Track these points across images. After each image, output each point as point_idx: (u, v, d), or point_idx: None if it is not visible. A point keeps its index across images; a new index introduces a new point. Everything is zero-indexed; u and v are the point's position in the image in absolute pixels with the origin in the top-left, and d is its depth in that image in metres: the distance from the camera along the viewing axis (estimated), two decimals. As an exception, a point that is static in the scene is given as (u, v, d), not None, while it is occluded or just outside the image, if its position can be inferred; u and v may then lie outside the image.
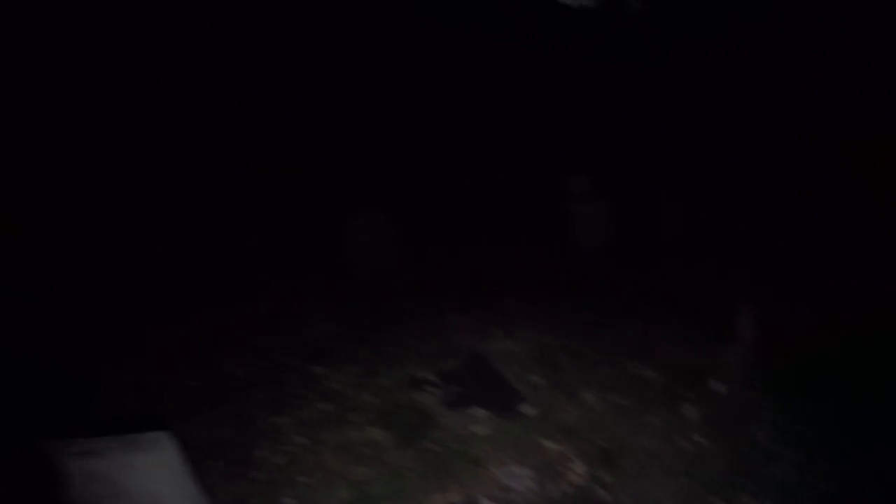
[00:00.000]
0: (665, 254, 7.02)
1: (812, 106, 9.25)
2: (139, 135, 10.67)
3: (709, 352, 4.33)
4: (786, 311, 4.72)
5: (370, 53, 12.92)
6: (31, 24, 8.82)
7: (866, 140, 8.63)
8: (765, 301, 3.98)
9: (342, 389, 4.47)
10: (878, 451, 3.32)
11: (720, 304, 4.55)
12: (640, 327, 4.99)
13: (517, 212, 9.43)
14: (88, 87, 10.10)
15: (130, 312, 6.37)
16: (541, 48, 11.92)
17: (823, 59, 9.25)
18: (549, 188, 10.02)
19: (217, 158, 11.89)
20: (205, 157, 11.65)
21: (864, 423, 3.52)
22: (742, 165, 9.27)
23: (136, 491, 2.11)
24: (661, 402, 3.87)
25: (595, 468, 3.31)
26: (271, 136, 12.57)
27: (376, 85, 13.06)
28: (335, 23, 12.40)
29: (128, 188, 10.57)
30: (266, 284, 6.82)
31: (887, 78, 8.65)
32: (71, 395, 4.80)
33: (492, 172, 11.73)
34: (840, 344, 4.40)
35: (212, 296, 6.66)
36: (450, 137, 13.20)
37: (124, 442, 2.09)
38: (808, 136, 9.10)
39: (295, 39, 12.39)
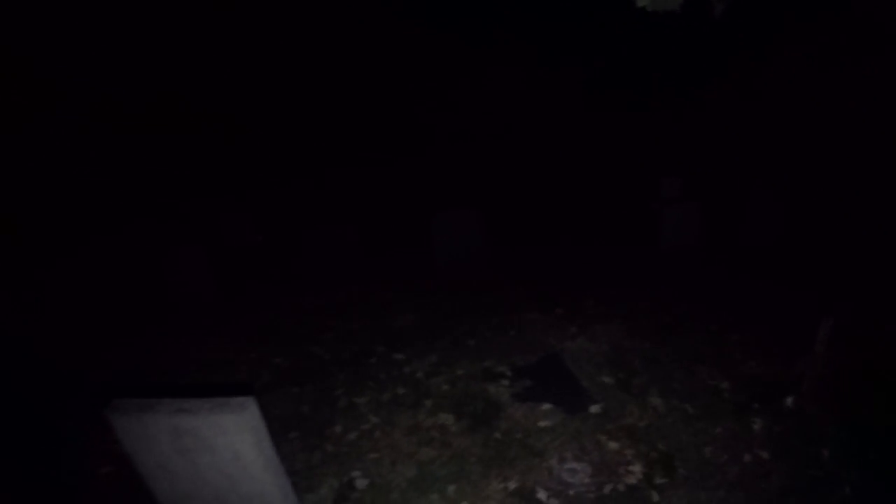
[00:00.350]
0: (751, 262, 6.84)
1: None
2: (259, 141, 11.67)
3: (785, 366, 4.25)
4: (868, 331, 4.53)
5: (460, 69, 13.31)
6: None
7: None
8: (848, 319, 3.87)
9: (419, 376, 4.73)
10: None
11: (802, 318, 4.45)
12: (719, 336, 4.94)
13: (603, 214, 9.42)
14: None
15: (229, 293, 6.99)
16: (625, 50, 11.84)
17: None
18: (636, 191, 9.93)
19: (313, 162, 12.73)
20: (303, 161, 12.51)
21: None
22: (833, 177, 8.82)
23: (220, 447, 2.44)
24: (729, 413, 3.85)
25: (652, 471, 3.37)
26: (368, 140, 13.27)
27: (473, 92, 13.44)
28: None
29: (238, 183, 11.52)
30: (358, 276, 7.24)
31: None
32: (167, 365, 5.37)
33: (578, 176, 11.78)
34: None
35: (306, 283, 7.16)
36: (540, 143, 13.37)
37: (214, 404, 2.41)
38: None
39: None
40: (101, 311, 6.95)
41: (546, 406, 4.14)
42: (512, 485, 3.36)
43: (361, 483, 3.46)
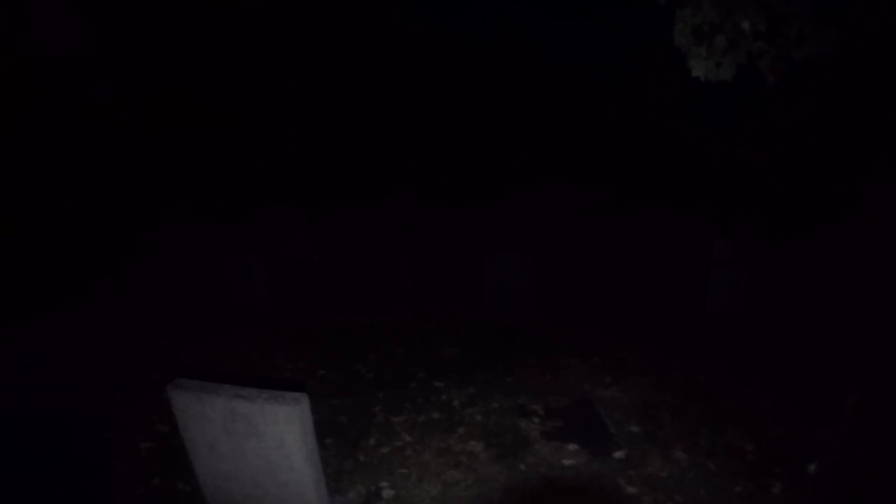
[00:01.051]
0: (795, 328, 6.81)
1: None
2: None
3: (814, 433, 4.30)
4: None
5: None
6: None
7: None
8: (877, 389, 3.94)
9: (456, 404, 4.98)
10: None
11: (839, 386, 4.51)
12: (751, 400, 5.01)
13: (652, 271, 9.52)
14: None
15: (283, 304, 7.44)
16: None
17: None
18: (688, 251, 9.99)
19: (375, 190, 13.32)
20: (365, 188, 13.11)
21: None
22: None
23: (268, 434, 2.74)
24: (750, 474, 3.93)
25: (666, 519, 3.51)
26: (432, 176, 13.80)
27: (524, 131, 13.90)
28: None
29: (302, 202, 12.16)
30: (408, 304, 7.57)
31: None
32: (219, 362, 5.80)
33: (632, 232, 11.92)
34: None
35: (357, 305, 7.53)
36: (594, 192, 13.62)
37: (271, 395, 2.73)
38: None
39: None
40: (162, 307, 7.52)
41: (572, 446, 4.31)
42: (529, 513, 3.56)
43: (388, 493, 3.71)
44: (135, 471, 3.94)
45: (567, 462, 4.11)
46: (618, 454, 4.20)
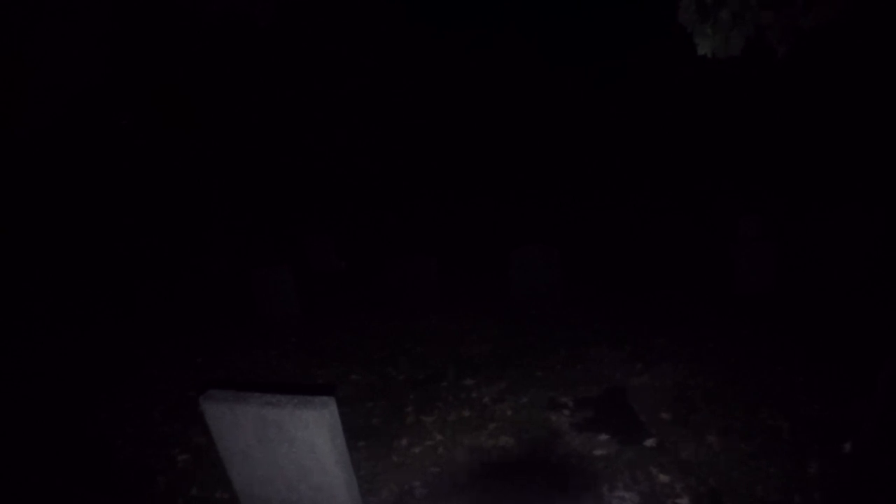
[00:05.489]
0: (828, 305, 6.63)
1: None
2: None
3: (850, 410, 4.22)
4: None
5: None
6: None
7: None
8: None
9: (486, 401, 5.01)
10: None
11: (872, 361, 4.41)
12: (785, 378, 4.92)
13: (679, 253, 9.40)
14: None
15: (313, 313, 7.57)
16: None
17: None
18: (714, 230, 9.84)
19: (398, 195, 13.41)
20: (388, 194, 13.22)
21: None
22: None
23: (299, 439, 2.82)
24: (787, 454, 3.86)
25: (699, 504, 3.48)
26: (452, 175, 13.82)
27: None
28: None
29: (326, 212, 12.30)
30: (436, 305, 7.62)
31: None
32: (253, 373, 5.96)
33: (658, 214, 11.79)
34: None
35: (386, 310, 7.63)
36: (621, 178, 13.50)
37: (299, 400, 2.81)
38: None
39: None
40: (196, 321, 7.74)
41: (603, 436, 4.30)
42: (561, 506, 3.57)
43: (420, 492, 3.76)
44: (174, 482, 4.08)
45: (598, 452, 4.10)
46: (649, 442, 4.18)
